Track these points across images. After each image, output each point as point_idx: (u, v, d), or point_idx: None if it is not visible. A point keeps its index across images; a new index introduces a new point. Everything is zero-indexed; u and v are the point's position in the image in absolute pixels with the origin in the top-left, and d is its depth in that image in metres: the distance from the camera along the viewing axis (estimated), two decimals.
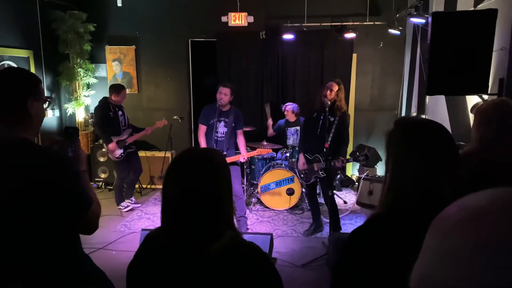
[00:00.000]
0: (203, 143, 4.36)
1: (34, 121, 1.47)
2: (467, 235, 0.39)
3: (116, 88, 5.11)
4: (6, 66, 4.95)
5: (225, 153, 4.28)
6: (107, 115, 4.97)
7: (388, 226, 1.06)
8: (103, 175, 6.24)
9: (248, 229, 4.60)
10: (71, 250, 1.49)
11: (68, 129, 1.67)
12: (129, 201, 5.46)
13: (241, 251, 1.12)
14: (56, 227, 1.40)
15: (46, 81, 5.96)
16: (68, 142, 1.64)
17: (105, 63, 6.58)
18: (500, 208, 0.39)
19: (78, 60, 6.11)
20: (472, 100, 3.43)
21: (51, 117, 6.06)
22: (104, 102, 5.07)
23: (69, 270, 1.46)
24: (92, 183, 5.93)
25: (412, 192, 1.06)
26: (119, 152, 5.02)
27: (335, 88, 4.08)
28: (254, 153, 4.65)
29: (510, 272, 0.35)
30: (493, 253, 0.36)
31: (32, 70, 5.59)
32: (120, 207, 5.30)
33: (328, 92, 4.06)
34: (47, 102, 1.55)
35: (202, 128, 4.40)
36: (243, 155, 4.48)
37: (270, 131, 5.80)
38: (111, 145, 4.96)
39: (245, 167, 5.43)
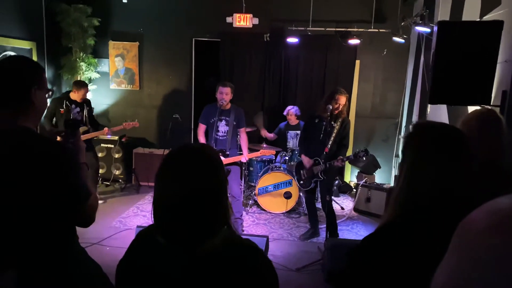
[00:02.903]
0: (202, 141, 4.37)
1: (36, 110, 1.47)
2: (498, 239, 0.38)
3: (76, 85, 4.98)
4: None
5: (227, 152, 4.27)
6: (57, 110, 4.86)
7: (404, 232, 1.05)
8: (100, 170, 6.21)
9: (243, 230, 4.58)
10: (68, 242, 1.48)
11: (68, 121, 1.69)
12: None
13: (237, 248, 1.09)
14: (54, 217, 1.39)
15: (48, 74, 5.94)
16: (68, 134, 1.65)
17: (108, 58, 6.57)
18: None
19: (81, 54, 6.09)
20: None
21: None
22: (60, 97, 5.00)
23: (65, 261, 1.45)
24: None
25: (431, 196, 1.06)
26: None
27: (344, 101, 4.11)
28: (257, 154, 4.62)
29: None
30: None
31: None
32: None
33: (339, 106, 4.09)
34: (50, 93, 1.54)
35: (202, 127, 4.42)
36: (245, 156, 4.48)
37: (270, 136, 5.74)
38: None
39: (243, 168, 5.41)
